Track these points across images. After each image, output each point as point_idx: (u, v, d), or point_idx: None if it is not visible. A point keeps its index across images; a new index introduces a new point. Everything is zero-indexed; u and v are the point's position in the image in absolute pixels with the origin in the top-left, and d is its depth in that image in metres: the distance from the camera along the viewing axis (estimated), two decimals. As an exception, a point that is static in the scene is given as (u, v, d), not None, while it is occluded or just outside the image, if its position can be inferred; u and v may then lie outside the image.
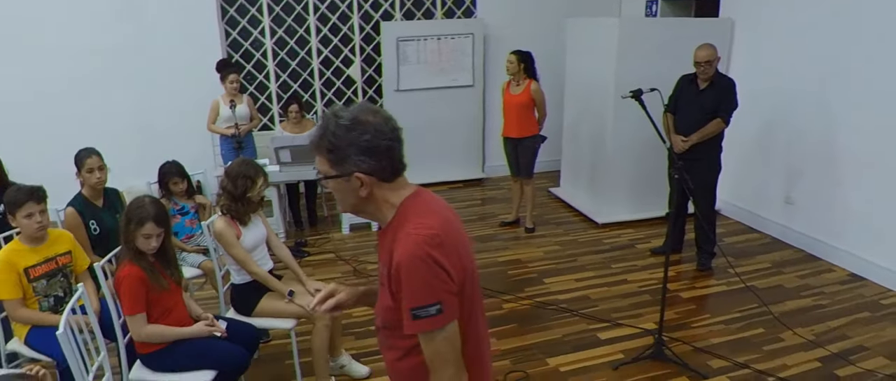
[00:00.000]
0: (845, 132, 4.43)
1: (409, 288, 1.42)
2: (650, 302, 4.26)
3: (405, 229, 1.49)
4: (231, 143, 5.80)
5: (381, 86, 7.46)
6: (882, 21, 4.06)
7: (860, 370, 3.41)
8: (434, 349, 1.45)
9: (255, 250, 3.61)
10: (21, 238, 3.34)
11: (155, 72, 6.69)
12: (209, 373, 3.09)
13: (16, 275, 3.21)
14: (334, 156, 1.49)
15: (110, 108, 6.67)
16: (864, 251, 4.42)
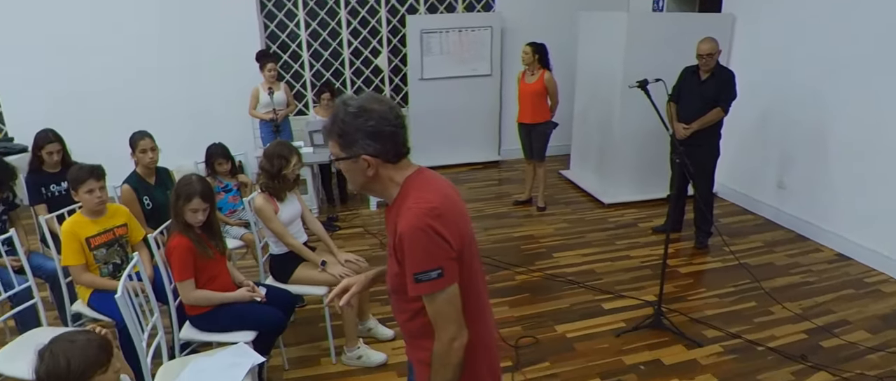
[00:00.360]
0: (836, 123, 4.41)
1: (412, 256, 1.49)
2: (650, 276, 4.29)
3: (407, 203, 1.56)
4: (270, 127, 5.90)
5: (406, 75, 7.48)
6: (875, 21, 4.02)
7: (843, 342, 3.44)
8: (436, 309, 1.52)
9: (291, 224, 3.65)
10: (83, 211, 3.39)
11: (201, 63, 6.78)
12: (250, 333, 3.14)
13: (79, 244, 3.26)
14: (343, 140, 1.56)
15: (162, 96, 6.78)
16: (850, 233, 4.42)
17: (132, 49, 6.68)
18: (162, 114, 6.29)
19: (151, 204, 4.04)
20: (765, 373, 3.28)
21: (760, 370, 3.30)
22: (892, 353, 3.31)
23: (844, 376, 3.18)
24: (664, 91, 4.33)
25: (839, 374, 3.20)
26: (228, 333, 3.20)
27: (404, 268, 1.56)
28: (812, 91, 4.57)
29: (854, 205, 4.37)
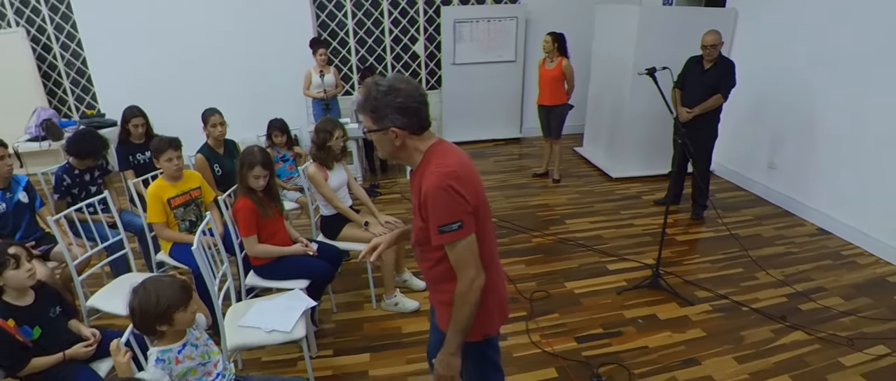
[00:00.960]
0: (824, 111, 4.34)
1: (436, 211, 1.59)
2: (650, 242, 4.33)
3: (430, 168, 1.65)
4: (320, 105, 6.05)
5: (440, 60, 7.48)
6: (864, 21, 3.94)
7: (819, 306, 3.47)
8: (458, 255, 1.62)
9: (338, 189, 3.72)
10: (163, 177, 3.52)
11: (262, 49, 6.88)
12: (304, 281, 3.25)
13: (161, 204, 3.43)
14: (375, 115, 1.64)
15: (229, 78, 6.90)
16: (831, 210, 4.39)
17: (204, 38, 6.80)
18: (229, 93, 6.38)
19: (221, 171, 4.16)
20: (747, 330, 3.31)
21: (744, 328, 3.33)
22: (862, 317, 3.33)
23: (818, 335, 3.20)
24: (670, 78, 4.33)
25: (814, 334, 3.22)
26: (286, 281, 3.29)
27: (429, 222, 1.65)
28: (804, 82, 4.49)
29: (836, 185, 4.33)
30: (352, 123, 5.82)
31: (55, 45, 6.96)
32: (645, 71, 3.72)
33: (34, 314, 2.57)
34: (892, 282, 3.66)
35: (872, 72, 3.90)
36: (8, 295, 2.51)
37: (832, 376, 2.91)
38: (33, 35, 6.84)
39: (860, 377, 2.89)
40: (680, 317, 3.48)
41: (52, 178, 3.96)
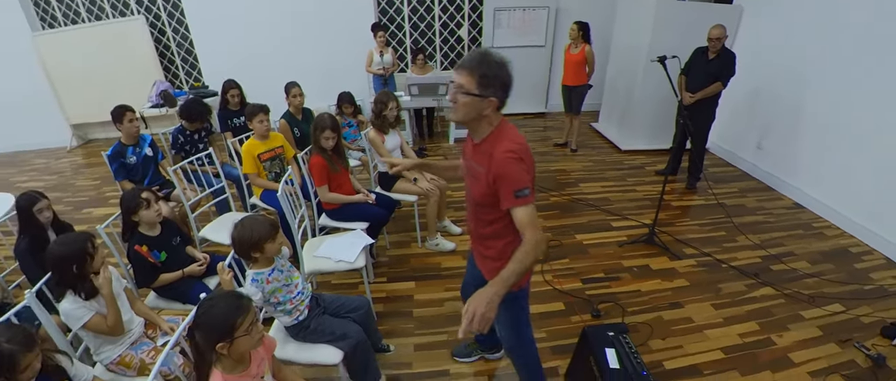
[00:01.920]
0: (811, 102, 4.17)
1: (511, 179, 1.55)
2: (649, 206, 4.30)
3: (504, 144, 1.60)
4: (380, 80, 6.08)
5: (480, 43, 7.34)
6: (854, 24, 3.73)
7: (788, 267, 3.47)
8: (529, 217, 1.54)
9: (393, 150, 3.78)
10: (255, 136, 3.64)
11: (333, 32, 6.88)
12: (364, 223, 3.36)
13: (253, 158, 3.55)
14: (483, 80, 1.54)
15: (307, 55, 6.97)
16: (807, 188, 4.27)
17: (288, 22, 6.86)
18: (306, 69, 6.43)
19: (299, 133, 4.28)
20: (725, 283, 3.32)
21: (722, 281, 3.35)
22: (824, 280, 3.31)
23: (785, 292, 3.20)
24: (678, 66, 4.23)
25: (781, 290, 3.22)
26: (350, 222, 3.40)
27: (501, 188, 1.60)
28: (796, 76, 4.30)
29: (814, 167, 4.19)
30: (405, 96, 5.83)
31: (168, 29, 7.17)
32: (657, 58, 3.63)
33: (161, 242, 2.75)
34: (853, 252, 3.59)
35: (859, 72, 3.72)
36: (142, 228, 2.70)
37: (793, 325, 2.92)
38: (151, 21, 7.04)
39: (816, 328, 2.90)
40: (669, 268, 3.50)
41: (169, 137, 4.17)
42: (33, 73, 6.95)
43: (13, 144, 7.55)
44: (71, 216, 4.70)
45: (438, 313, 3.16)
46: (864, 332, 2.83)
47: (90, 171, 6.44)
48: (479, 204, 1.81)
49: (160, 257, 2.73)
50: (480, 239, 1.97)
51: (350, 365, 2.34)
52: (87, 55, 6.85)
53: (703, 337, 2.87)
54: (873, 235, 3.63)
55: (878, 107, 3.58)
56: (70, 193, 5.71)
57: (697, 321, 2.99)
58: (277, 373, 1.97)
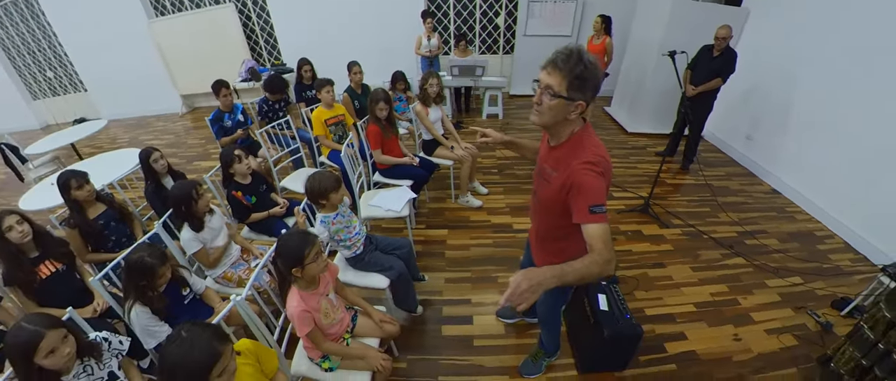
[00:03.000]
0: (801, 102, 3.97)
1: (589, 194, 1.24)
2: (647, 181, 4.25)
3: (586, 155, 1.29)
4: (427, 61, 6.03)
5: (515, 32, 7.11)
6: (847, 36, 3.51)
7: (760, 243, 3.47)
8: (603, 235, 1.20)
9: (435, 122, 3.80)
10: (322, 105, 3.72)
11: (388, 17, 6.79)
12: (409, 181, 3.45)
13: (321, 123, 3.68)
14: (578, 83, 1.21)
15: (366, 38, 6.94)
16: (785, 177, 4.14)
17: (352, 8, 6.75)
18: (365, 50, 6.42)
19: (358, 106, 4.31)
20: (703, 251, 3.34)
21: (701, 249, 3.36)
22: (789, 256, 3.31)
23: (754, 263, 3.20)
24: (685, 60, 4.09)
25: (751, 261, 3.22)
26: (398, 179, 3.49)
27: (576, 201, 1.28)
28: (788, 76, 4.09)
29: (794, 160, 4.04)
30: (447, 76, 5.79)
31: (253, 14, 7.24)
32: (667, 53, 3.53)
33: (251, 189, 2.94)
34: (817, 235, 3.53)
35: (845, 78, 3.53)
36: (237, 177, 2.88)
37: (757, 291, 2.94)
38: (239, 8, 7.13)
39: (777, 294, 2.91)
40: (658, 235, 3.53)
41: (256, 106, 4.25)
42: (150, 53, 7.26)
43: (139, 110, 7.99)
44: (184, 167, 4.95)
45: (465, 256, 3.29)
46: (818, 302, 2.84)
47: (197, 132, 6.76)
48: (547, 209, 1.54)
49: (251, 201, 2.93)
50: (542, 236, 1.73)
51: (394, 290, 2.53)
52: (190, 37, 7.07)
53: (679, 293, 2.92)
54: (837, 222, 3.55)
55: (858, 111, 3.41)
56: (183, 149, 6.03)
57: (677, 279, 3.03)
58: (340, 292, 2.16)
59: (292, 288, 1.82)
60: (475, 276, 3.10)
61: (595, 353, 2.34)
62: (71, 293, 2.30)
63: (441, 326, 2.72)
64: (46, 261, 2.24)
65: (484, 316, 2.77)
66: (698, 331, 2.64)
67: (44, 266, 2.23)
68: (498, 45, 7.35)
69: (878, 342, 2.00)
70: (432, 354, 2.54)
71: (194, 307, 2.22)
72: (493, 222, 3.71)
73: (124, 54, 7.34)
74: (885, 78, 3.18)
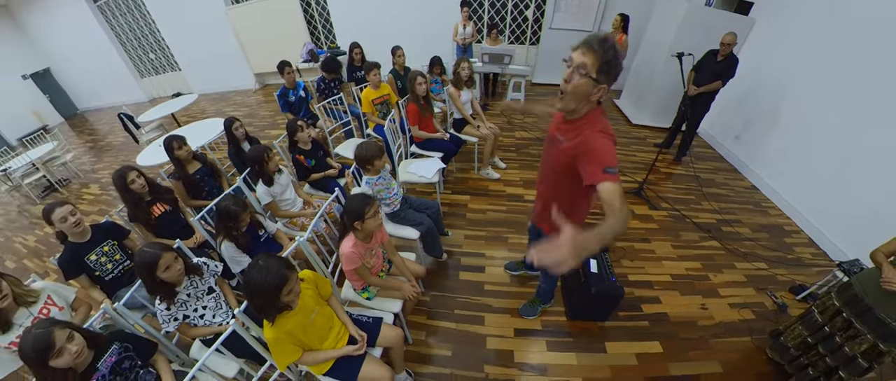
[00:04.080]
0: (790, 110, 3.75)
1: (601, 154, 1.23)
2: (643, 168, 4.16)
3: (598, 126, 1.30)
4: (461, 48, 5.85)
5: (541, 24, 6.75)
6: (840, 54, 3.28)
7: (734, 230, 3.41)
8: (616, 191, 1.18)
9: (465, 103, 3.77)
10: (370, 85, 3.71)
11: (430, 5, 6.49)
12: (440, 153, 3.46)
13: (368, 102, 3.70)
14: (606, 66, 1.21)
15: (409, 25, 6.64)
16: (766, 176, 3.98)
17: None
18: (408, 36, 6.24)
19: (401, 86, 4.26)
20: (684, 232, 3.33)
21: (682, 230, 3.34)
22: (758, 244, 3.25)
23: (727, 247, 3.18)
24: (691, 62, 3.95)
25: (724, 245, 3.20)
26: (430, 151, 3.51)
27: (589, 163, 1.26)
28: (780, 85, 3.87)
29: (775, 161, 3.88)
30: (478, 62, 5.62)
31: (313, 1, 7.12)
32: (675, 54, 3.44)
33: (311, 153, 3.06)
34: (785, 229, 3.48)
35: (831, 93, 3.34)
36: (299, 144, 2.99)
37: (726, 270, 2.94)
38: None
39: (743, 275, 2.91)
40: (647, 215, 3.52)
41: (314, 84, 4.28)
42: (229, 35, 7.36)
43: (220, 86, 8.18)
44: (257, 134, 5.18)
45: (482, 218, 3.39)
46: (777, 286, 2.84)
47: (267, 105, 6.92)
48: (553, 169, 1.53)
49: (311, 163, 3.07)
50: (546, 199, 1.71)
51: (423, 241, 2.68)
52: (260, 22, 7.12)
53: (659, 265, 2.96)
54: (804, 220, 3.46)
55: (834, 125, 3.25)
56: (256, 119, 6.23)
57: (658, 253, 3.06)
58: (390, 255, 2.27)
59: (350, 235, 1.98)
60: (489, 235, 3.22)
61: (582, 305, 2.47)
62: (177, 229, 2.55)
63: (459, 272, 2.89)
64: (157, 204, 2.49)
65: (494, 267, 2.91)
66: (671, 298, 2.69)
67: (156, 207, 2.48)
68: (525, 36, 7.05)
69: (825, 325, 2.06)
70: (450, 292, 2.73)
71: (268, 244, 2.44)
72: (508, 192, 3.75)
73: (208, 38, 7.49)
74: (862, 99, 3.05)
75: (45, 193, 5.23)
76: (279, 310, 1.60)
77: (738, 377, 2.23)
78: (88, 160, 6.13)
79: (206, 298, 1.98)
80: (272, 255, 1.59)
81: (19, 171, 5.18)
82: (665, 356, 2.34)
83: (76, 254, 2.15)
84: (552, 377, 2.24)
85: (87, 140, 7.21)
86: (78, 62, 8.50)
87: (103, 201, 4.67)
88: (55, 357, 1.39)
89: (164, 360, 1.77)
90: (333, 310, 1.92)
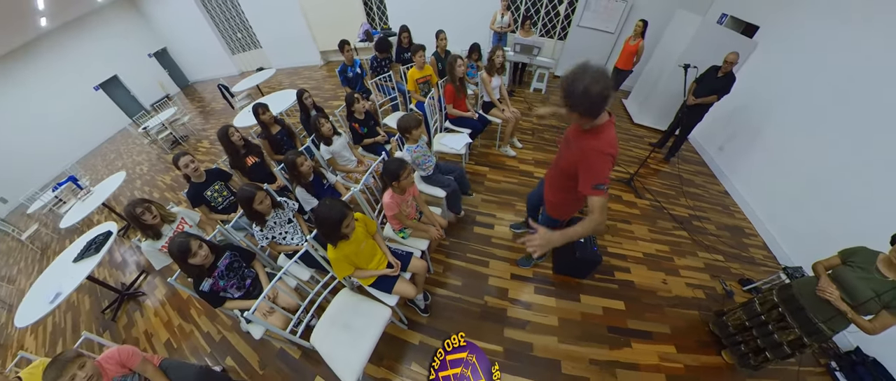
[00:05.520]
0: (772, 130, 3.60)
1: (595, 172, 1.27)
2: (635, 163, 4.12)
3: (604, 142, 1.33)
4: (497, 37, 5.53)
5: (571, 21, 6.22)
6: (829, 82, 3.12)
7: (702, 226, 3.40)
8: (600, 206, 1.27)
9: (494, 89, 3.65)
10: (415, 66, 3.61)
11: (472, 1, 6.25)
12: (469, 130, 3.45)
13: (413, 81, 3.63)
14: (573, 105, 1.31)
15: (452, 11, 6.33)
16: (738, 184, 3.87)
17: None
18: (451, 21, 5.84)
19: (441, 67, 4.08)
20: (660, 220, 3.35)
21: (659, 218, 3.36)
22: (720, 240, 3.26)
23: (693, 238, 3.20)
24: (694, 74, 3.80)
25: (691, 236, 3.22)
26: (461, 127, 3.50)
27: (584, 176, 1.29)
28: (767, 107, 3.69)
29: (749, 172, 3.75)
30: (510, 51, 5.33)
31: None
32: (682, 65, 3.34)
33: (364, 122, 3.20)
34: (745, 231, 3.45)
35: (811, 122, 3.20)
36: (356, 113, 3.12)
37: (689, 256, 3.00)
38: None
39: (702, 263, 2.97)
40: (632, 201, 3.53)
41: (368, 62, 4.17)
42: (298, 17, 7.26)
43: (292, 62, 8.11)
44: (322, 104, 5.29)
45: (497, 187, 3.47)
46: (729, 276, 2.89)
47: (330, 79, 6.92)
48: (563, 172, 1.56)
49: (364, 130, 3.22)
50: (552, 183, 1.81)
51: (448, 199, 2.84)
52: (324, 3, 6.96)
53: (635, 244, 3.04)
54: (763, 227, 3.43)
55: (805, 150, 3.18)
56: (321, 91, 6.28)
57: (636, 234, 3.13)
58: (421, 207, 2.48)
59: (389, 189, 2.17)
60: (501, 201, 3.32)
61: (567, 264, 2.66)
62: (264, 176, 2.83)
63: (473, 226, 3.10)
64: (250, 156, 2.74)
65: (501, 226, 3.11)
66: (639, 271, 2.81)
67: (249, 158, 2.75)
68: (555, 31, 6.58)
69: (762, 315, 2.18)
70: (465, 241, 2.98)
71: (330, 191, 2.69)
72: (521, 168, 3.77)
73: (282, 19, 7.45)
74: (832, 132, 2.99)
75: (173, 146, 5.87)
76: (339, 238, 1.84)
77: (681, 339, 2.38)
78: (199, 122, 6.62)
79: (287, 226, 2.27)
80: (335, 198, 1.80)
81: (154, 129, 5.90)
82: (626, 313, 2.51)
83: (197, 190, 2.50)
84: (535, 312, 2.50)
85: (197, 106, 7.69)
86: (186, 42, 8.83)
87: (212, 153, 5.19)
88: (191, 257, 1.74)
89: (260, 265, 2.10)
90: (377, 243, 2.16)
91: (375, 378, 2.14)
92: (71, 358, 1.40)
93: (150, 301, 2.89)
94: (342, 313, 1.95)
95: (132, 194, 4.65)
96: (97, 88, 7.46)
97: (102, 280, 3.00)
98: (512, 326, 2.39)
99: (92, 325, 2.84)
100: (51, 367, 1.34)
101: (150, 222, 2.14)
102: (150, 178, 5.00)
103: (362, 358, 1.79)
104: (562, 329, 2.39)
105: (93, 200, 3.61)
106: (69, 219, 3.49)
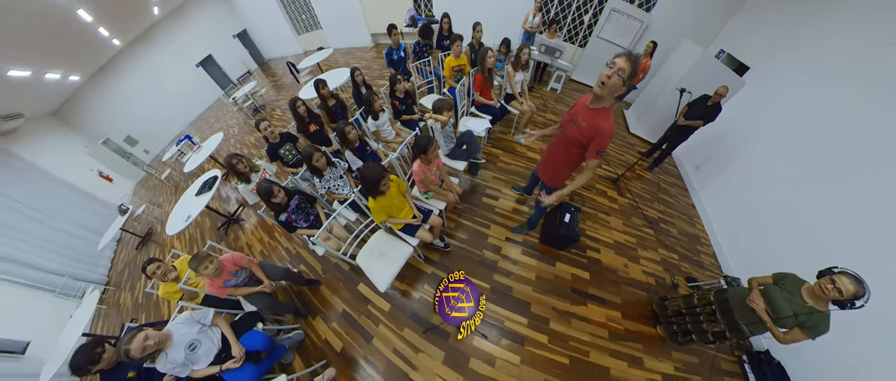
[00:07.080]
0: (742, 158, 3.57)
1: (602, 142, 1.44)
2: (623, 166, 4.12)
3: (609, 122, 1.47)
4: (526, 35, 5.27)
5: (592, 31, 5.85)
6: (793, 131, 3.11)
7: (667, 228, 3.44)
8: (592, 166, 1.50)
9: (517, 83, 3.47)
10: (451, 54, 3.42)
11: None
12: (491, 117, 3.39)
13: (449, 68, 3.48)
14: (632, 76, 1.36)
15: (489, 4, 6.04)
16: (704, 200, 3.82)
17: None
18: (487, 14, 5.55)
19: (473, 57, 3.90)
20: (634, 218, 3.40)
21: (633, 216, 3.41)
22: (679, 243, 3.30)
23: (658, 237, 3.27)
24: (688, 98, 3.77)
25: (656, 235, 3.29)
26: (484, 114, 3.44)
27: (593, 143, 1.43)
28: (744, 138, 3.62)
29: (716, 193, 3.74)
30: (535, 51, 5.14)
31: None
32: (679, 89, 3.30)
33: (404, 101, 3.32)
34: (701, 240, 3.44)
35: (776, 163, 3.19)
36: (397, 93, 3.18)
37: (650, 250, 3.11)
38: None
39: (660, 257, 3.08)
40: (614, 197, 3.56)
41: (412, 46, 4.03)
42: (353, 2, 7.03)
43: (347, 42, 7.90)
44: (371, 82, 5.19)
45: (506, 167, 3.56)
46: (678, 272, 3.00)
47: (378, 60, 6.77)
48: (572, 142, 1.65)
49: (403, 108, 3.31)
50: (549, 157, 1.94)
51: (467, 171, 2.98)
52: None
53: (610, 232, 3.17)
54: (717, 240, 3.45)
55: (772, 187, 3.19)
56: (370, 71, 6.18)
57: (611, 225, 3.23)
58: (443, 176, 2.66)
59: (418, 160, 2.31)
60: (507, 179, 3.43)
61: (552, 237, 2.92)
62: (323, 140, 3.08)
63: (482, 197, 3.29)
64: (312, 124, 2.88)
65: (505, 200, 3.27)
66: (607, 253, 2.99)
67: (311, 125, 2.91)
68: (577, 38, 6.31)
69: (697, 307, 2.39)
70: (474, 207, 3.24)
71: (373, 156, 2.89)
72: (528, 154, 3.80)
73: (339, 2, 7.25)
74: (794, 174, 3.02)
75: (254, 113, 6.43)
76: (377, 193, 2.03)
77: (628, 310, 2.63)
78: (273, 93, 7.00)
79: (339, 181, 2.49)
80: (376, 163, 1.99)
81: (240, 99, 6.51)
82: (589, 282, 2.76)
83: (273, 148, 2.86)
84: (519, 267, 2.80)
85: (271, 80, 7.92)
86: (261, 23, 8.88)
87: (284, 120, 5.49)
88: (273, 198, 2.09)
89: (320, 206, 2.40)
90: (406, 199, 2.36)
91: (400, 289, 2.60)
92: (205, 256, 1.90)
93: (248, 225, 3.59)
94: (378, 246, 2.35)
95: (228, 149, 5.28)
96: (198, 66, 8.12)
97: (215, 209, 3.71)
98: (500, 273, 2.70)
99: (212, 237, 3.61)
100: (193, 260, 1.86)
101: (242, 170, 2.57)
102: (239, 138, 5.61)
103: (392, 275, 2.21)
104: (537, 283, 2.66)
105: (202, 153, 4.30)
106: (189, 165, 4.23)
